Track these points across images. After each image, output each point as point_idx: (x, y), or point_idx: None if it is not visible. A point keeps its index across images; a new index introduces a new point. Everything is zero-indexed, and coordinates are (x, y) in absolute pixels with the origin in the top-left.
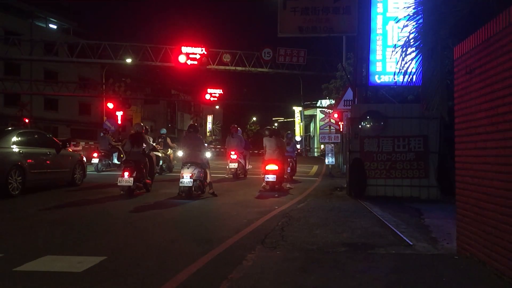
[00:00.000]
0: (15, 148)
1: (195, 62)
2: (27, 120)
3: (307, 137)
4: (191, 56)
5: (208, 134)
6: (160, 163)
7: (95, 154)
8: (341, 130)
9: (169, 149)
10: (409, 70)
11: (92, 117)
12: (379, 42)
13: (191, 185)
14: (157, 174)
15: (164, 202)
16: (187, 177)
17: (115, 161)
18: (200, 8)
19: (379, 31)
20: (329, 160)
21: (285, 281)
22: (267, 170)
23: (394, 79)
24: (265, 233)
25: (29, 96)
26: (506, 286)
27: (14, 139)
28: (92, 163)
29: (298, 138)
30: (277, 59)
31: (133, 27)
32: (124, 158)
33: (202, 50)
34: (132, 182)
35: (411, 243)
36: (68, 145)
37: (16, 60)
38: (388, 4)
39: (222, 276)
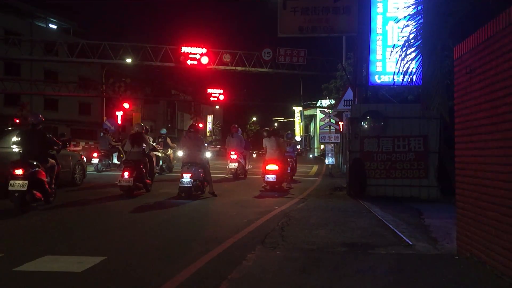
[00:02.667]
0: (15, 148)
1: (195, 62)
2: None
3: (307, 137)
4: (191, 56)
5: (208, 134)
6: (160, 163)
7: (95, 154)
8: (341, 130)
9: (169, 149)
10: (409, 70)
11: (92, 117)
12: (379, 42)
13: (191, 185)
14: (157, 174)
15: (164, 202)
16: (187, 177)
17: (115, 161)
18: (200, 8)
19: (379, 31)
20: (329, 160)
21: (285, 281)
22: (267, 170)
23: (394, 79)
24: (265, 233)
25: (29, 96)
26: (506, 286)
27: (14, 139)
28: (92, 163)
29: (298, 138)
30: (277, 59)
31: (133, 27)
32: (124, 158)
33: (202, 50)
34: (132, 182)
35: (411, 243)
36: (68, 145)
37: (16, 60)
38: (388, 4)
39: (222, 276)
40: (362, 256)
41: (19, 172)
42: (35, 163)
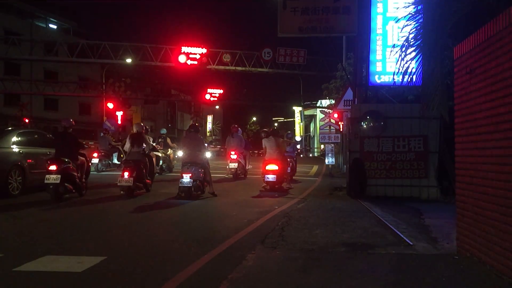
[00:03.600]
0: (15, 148)
1: (195, 62)
2: (27, 120)
3: (307, 137)
4: (191, 56)
5: (208, 134)
6: (160, 163)
7: (95, 154)
8: (341, 130)
9: (169, 149)
10: (409, 70)
11: (92, 117)
12: (379, 42)
13: (191, 185)
14: (157, 174)
15: (164, 202)
16: (186, 177)
17: (115, 161)
18: (200, 8)
19: (379, 31)
20: (329, 160)
21: (285, 281)
22: (267, 170)
23: (394, 79)
24: (265, 233)
25: (29, 96)
26: (506, 286)
27: (14, 139)
28: (92, 163)
29: (298, 138)
30: (277, 59)
31: (133, 27)
32: (124, 158)
33: (202, 50)
34: (132, 182)
35: (411, 243)
36: None
37: (16, 60)
38: (388, 4)
39: (222, 276)
40: (362, 256)
41: (53, 167)
42: (66, 160)
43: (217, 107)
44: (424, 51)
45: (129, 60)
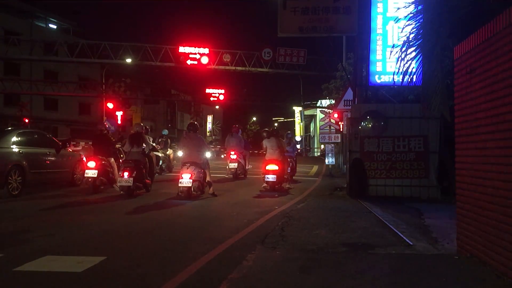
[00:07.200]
0: (15, 148)
1: (195, 62)
2: (27, 120)
3: (307, 137)
4: (191, 56)
5: (208, 134)
6: (160, 163)
7: None
8: (341, 130)
9: (169, 149)
10: (409, 70)
11: (92, 117)
12: (379, 42)
13: (190, 185)
14: (157, 174)
15: (164, 202)
16: (186, 178)
17: None
18: (200, 8)
19: (379, 31)
20: (329, 160)
21: (285, 281)
22: (267, 170)
23: (394, 79)
24: (265, 233)
25: (29, 96)
26: (506, 286)
27: (14, 139)
28: None
29: (298, 138)
30: (277, 59)
31: (133, 27)
32: (124, 158)
33: (202, 50)
34: (132, 182)
35: (411, 243)
36: (68, 145)
37: (16, 60)
38: (388, 4)
39: (222, 276)
40: (362, 256)
41: (91, 164)
42: (100, 157)
43: (217, 107)
44: (424, 51)
45: (129, 60)
